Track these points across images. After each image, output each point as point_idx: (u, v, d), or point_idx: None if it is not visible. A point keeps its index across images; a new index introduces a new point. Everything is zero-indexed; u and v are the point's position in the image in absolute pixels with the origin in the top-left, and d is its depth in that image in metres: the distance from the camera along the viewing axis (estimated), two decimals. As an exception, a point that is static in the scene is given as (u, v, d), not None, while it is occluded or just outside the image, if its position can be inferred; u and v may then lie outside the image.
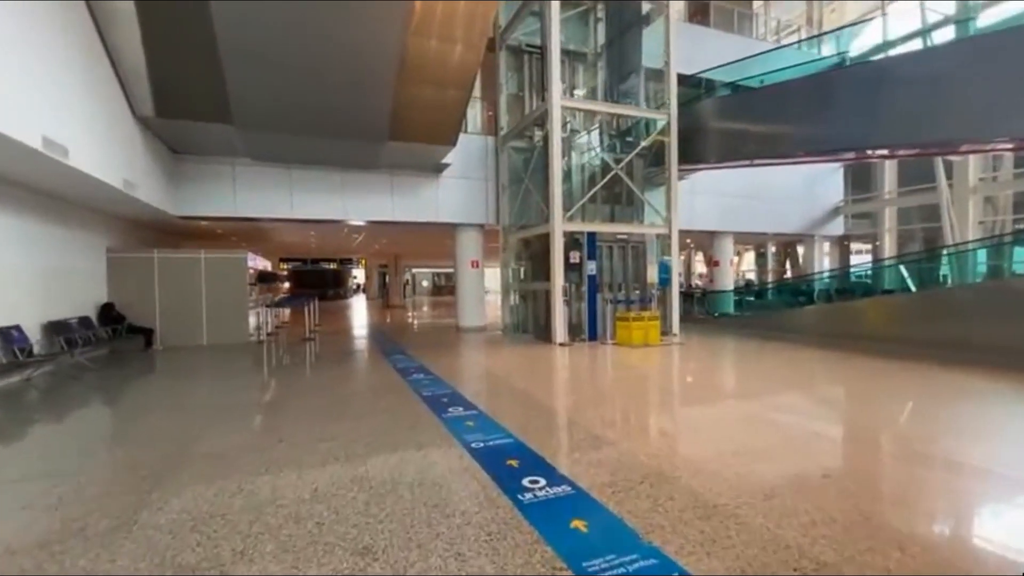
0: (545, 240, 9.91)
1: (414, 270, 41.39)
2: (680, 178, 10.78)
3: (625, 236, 10.13)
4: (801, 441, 3.90)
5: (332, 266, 28.29)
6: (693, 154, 10.84)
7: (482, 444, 3.73)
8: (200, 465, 3.37)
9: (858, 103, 7.45)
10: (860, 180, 18.43)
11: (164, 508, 2.73)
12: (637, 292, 10.39)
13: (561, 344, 9.20)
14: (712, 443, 3.71)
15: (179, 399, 5.81)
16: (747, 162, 10.46)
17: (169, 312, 9.83)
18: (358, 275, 41.79)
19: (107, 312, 9.04)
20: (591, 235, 9.65)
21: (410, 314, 19.48)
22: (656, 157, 10.84)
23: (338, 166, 10.72)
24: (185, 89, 7.75)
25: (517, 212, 11.64)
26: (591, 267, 9.62)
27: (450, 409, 4.72)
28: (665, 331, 9.91)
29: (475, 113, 12.48)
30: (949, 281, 10.19)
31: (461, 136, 11.74)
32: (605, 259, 10.12)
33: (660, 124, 10.41)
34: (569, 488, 2.91)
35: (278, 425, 4.36)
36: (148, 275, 9.70)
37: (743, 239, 19.06)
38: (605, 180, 9.96)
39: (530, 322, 11.30)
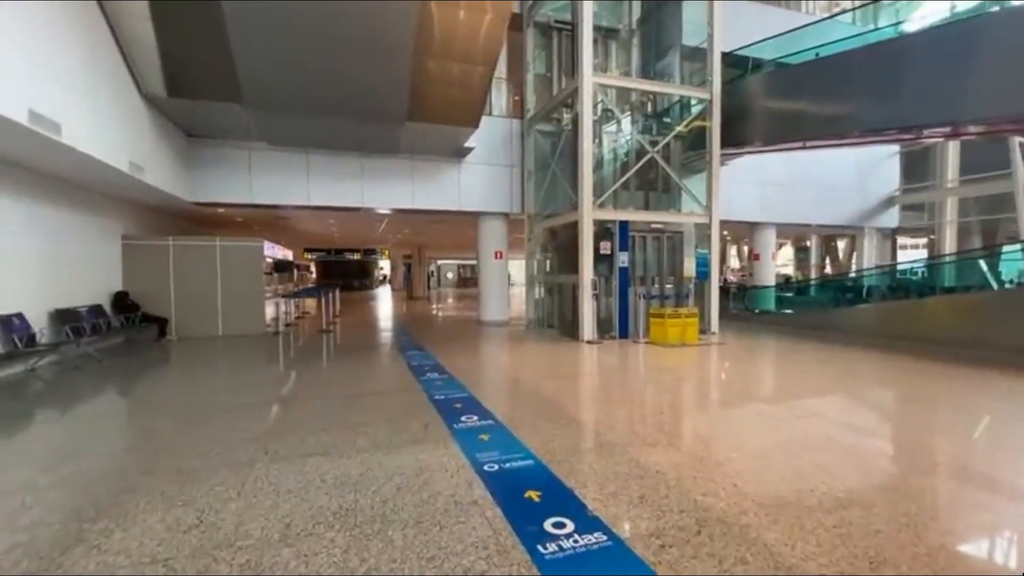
0: (573, 229, 9.20)
1: (439, 262, 41.18)
2: (721, 164, 9.87)
3: (660, 226, 9.32)
4: (898, 477, 3.15)
5: (357, 257, 28.14)
6: (737, 137, 9.90)
7: (497, 467, 3.12)
8: (164, 485, 2.87)
9: (943, 72, 6.44)
10: (915, 168, 16.97)
11: (100, 547, 2.21)
12: (671, 287, 9.59)
13: (589, 342, 8.51)
14: (784, 477, 3.00)
15: (172, 397, 5.42)
16: (799, 144, 9.46)
17: (184, 301, 9.57)
18: (384, 266, 41.88)
19: (121, 301, 8.82)
20: (623, 224, 8.89)
21: (433, 307, 19.04)
22: (695, 141, 9.96)
23: (356, 151, 10.23)
24: (195, 65, 7.35)
25: (543, 200, 10.95)
26: (623, 259, 8.87)
27: (463, 418, 4.13)
28: (703, 329, 9.09)
29: (500, 95, 11.81)
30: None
31: (485, 119, 11.09)
32: (638, 250, 9.35)
33: (700, 105, 9.51)
34: (604, 537, 2.27)
35: (267, 432, 3.85)
36: (163, 263, 9.45)
37: (785, 231, 17.83)
38: (639, 164, 9.16)
39: (556, 317, 10.63)
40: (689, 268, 9.40)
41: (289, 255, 17.88)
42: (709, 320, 9.51)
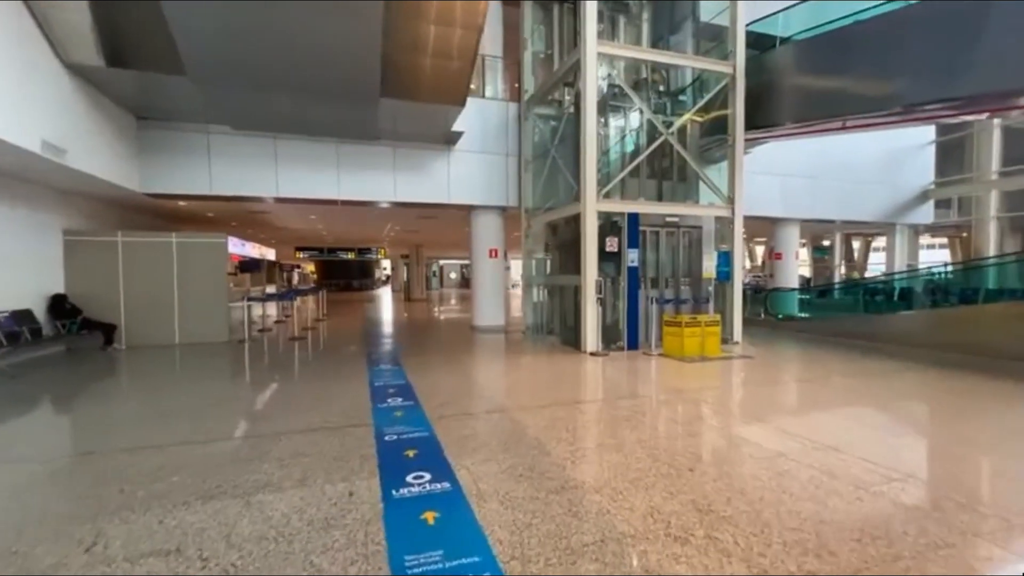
0: (575, 224, 8.02)
1: (441, 262, 40.10)
2: (745, 150, 8.62)
3: (675, 219, 8.09)
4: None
5: (351, 256, 27.09)
6: (763, 117, 8.65)
7: (433, 586, 1.96)
8: None
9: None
10: (950, 159, 15.59)
11: None
12: (688, 289, 8.36)
13: (593, 354, 7.30)
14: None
15: (54, 428, 4.31)
16: (838, 124, 8.18)
17: (135, 305, 8.49)
18: (387, 266, 40.93)
19: (58, 305, 7.74)
20: (633, 217, 7.67)
21: (429, 309, 17.90)
22: (714, 125, 8.72)
23: (330, 136, 9.11)
24: (131, 29, 6.28)
25: (542, 192, 9.75)
26: (632, 257, 7.65)
27: (411, 477, 2.96)
28: (724, 339, 7.85)
29: (496, 77, 10.64)
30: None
31: (478, 102, 9.98)
32: (649, 248, 8.13)
33: (721, 83, 8.27)
34: None
35: (120, 505, 2.70)
36: (111, 262, 8.37)
37: (807, 228, 16.47)
38: (651, 148, 7.94)
39: (556, 322, 9.44)
40: (708, 268, 8.16)
41: (270, 254, 16.80)
42: (731, 328, 8.27)
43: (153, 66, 6.68)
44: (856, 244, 22.76)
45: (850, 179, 13.71)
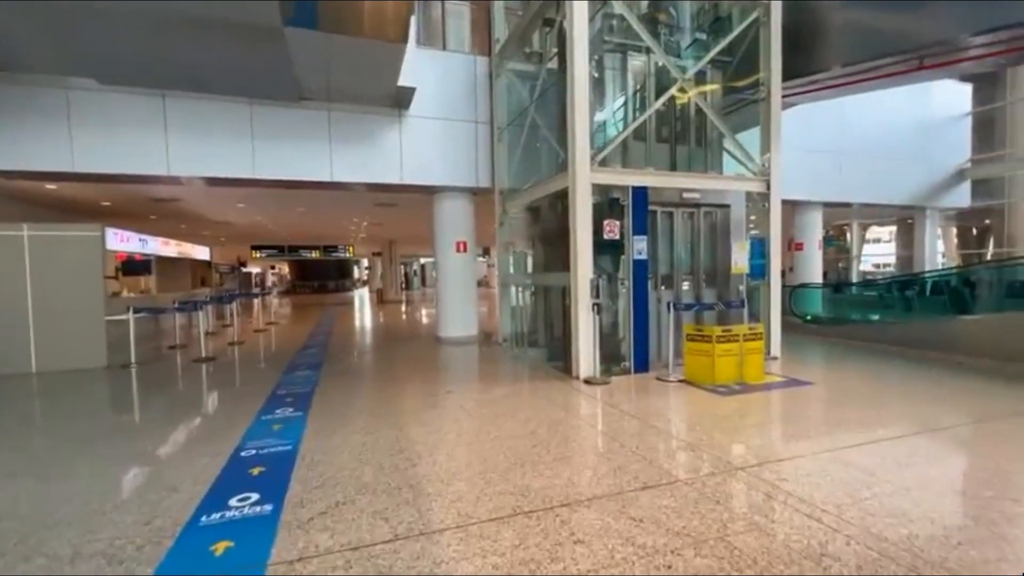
0: (562, 206, 6.00)
1: (422, 260, 37.91)
2: (783, 105, 6.59)
3: (695, 195, 6.06)
4: None
5: (315, 255, 24.73)
6: (803, 63, 6.66)
7: None
8: None
9: None
10: (985, 135, 13.78)
11: None
12: (713, 288, 6.36)
13: (588, 381, 5.26)
14: None
15: None
16: (915, 63, 6.16)
17: (-29, 322, 6.29)
18: (367, 266, 38.65)
19: None
20: (639, 193, 5.63)
21: (397, 314, 15.81)
22: (743, 69, 6.69)
23: (238, 94, 6.94)
24: None
25: (520, 167, 7.68)
26: (639, 247, 5.61)
27: None
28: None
29: (460, 23, 8.53)
30: None
31: (437, 55, 7.90)
32: (661, 235, 6.11)
33: (749, 15, 6.24)
34: None
35: None
36: (-67, 264, 6.16)
37: (829, 214, 14.57)
38: (664, 98, 5.88)
39: (541, 331, 7.40)
40: (739, 260, 6.13)
41: (199, 252, 14.50)
42: (768, 340, 6.26)
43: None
44: (855, 230, 20.96)
45: (881, 156, 11.82)
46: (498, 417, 4.12)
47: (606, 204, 5.83)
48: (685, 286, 6.29)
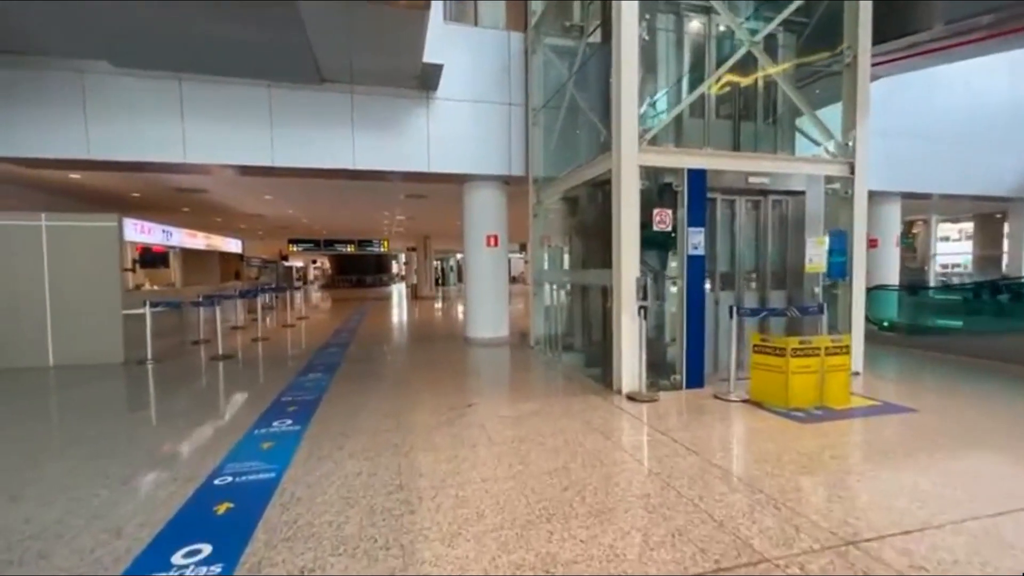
0: (604, 194, 5.25)
1: (459, 255, 37.62)
2: (872, 76, 5.54)
3: (763, 181, 5.13)
4: None
5: (350, 249, 24.69)
6: (900, 21, 5.59)
7: None
8: None
9: None
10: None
11: None
12: (781, 290, 5.43)
13: (631, 398, 4.48)
14: None
15: None
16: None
17: (-8, 314, 6.16)
18: (410, 261, 38.87)
19: None
20: (696, 177, 4.78)
21: (430, 311, 15.40)
22: (820, 33, 5.67)
23: (256, 76, 6.52)
24: None
25: (557, 153, 6.94)
26: (695, 241, 4.77)
27: None
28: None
29: (492, -2, 7.85)
30: None
31: (468, 31, 7.26)
32: (721, 227, 5.24)
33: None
34: None
35: None
36: (-45, 254, 6.06)
37: (904, 207, 13.04)
38: (726, 67, 4.99)
39: (577, 335, 6.67)
40: (815, 257, 5.16)
41: (230, 245, 14.43)
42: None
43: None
44: (921, 228, 18.89)
45: (969, 142, 10.32)
46: (523, 443, 3.41)
47: (655, 191, 5.01)
48: (748, 287, 5.38)
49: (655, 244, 5.07)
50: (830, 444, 3.36)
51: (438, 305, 17.29)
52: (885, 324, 8.82)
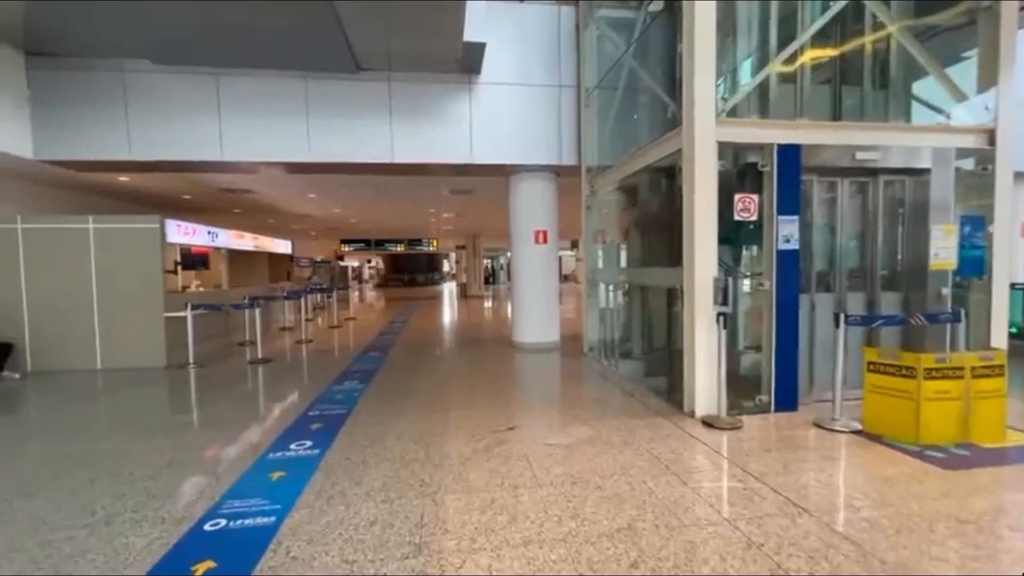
0: (666, 179, 4.46)
1: (509, 253, 37.19)
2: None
3: (872, 158, 4.15)
4: None
5: (399, 248, 24.74)
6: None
7: None
8: None
9: None
10: None
11: None
12: (897, 292, 4.42)
13: (708, 423, 3.70)
14: None
15: None
16: None
17: (44, 316, 6.21)
18: (460, 260, 39.04)
19: (-79, 318, 5.59)
20: (788, 153, 3.91)
21: (479, 311, 14.97)
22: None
23: (293, 67, 6.20)
24: None
25: (611, 138, 6.18)
26: (787, 231, 3.90)
27: None
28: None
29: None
30: None
31: (515, 7, 6.69)
32: (818, 214, 4.32)
33: None
34: None
35: None
36: (8, 257, 6.14)
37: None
38: (828, 16, 4.06)
39: (636, 341, 5.90)
40: (943, 251, 4.12)
41: (278, 246, 14.55)
42: (989, 368, 4.17)
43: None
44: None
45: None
46: (576, 485, 2.75)
47: (734, 174, 4.17)
48: (851, 288, 4.42)
49: (737, 238, 4.24)
50: (999, 505, 2.45)
51: (487, 304, 16.84)
52: (1013, 330, 7.37)
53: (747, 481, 2.76)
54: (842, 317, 3.63)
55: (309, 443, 3.50)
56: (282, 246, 14.34)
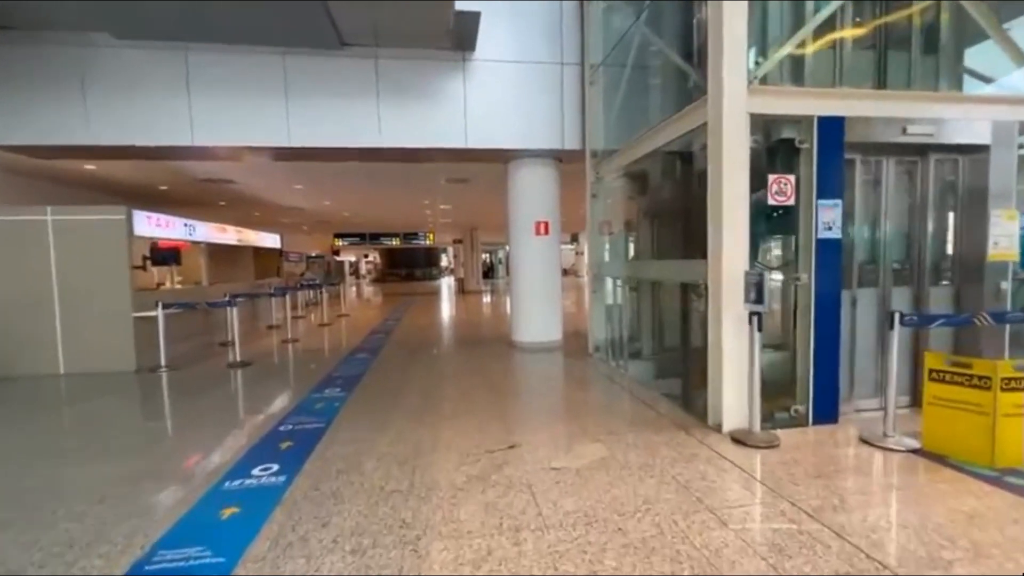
0: (681, 164, 3.95)
1: (507, 247, 36.65)
2: None
3: (928, 129, 3.62)
4: None
5: (395, 242, 24.14)
6: None
7: None
8: None
9: None
10: None
11: None
12: (950, 285, 3.91)
13: (737, 439, 3.19)
14: None
15: None
16: None
17: (1, 317, 5.69)
18: (458, 255, 38.50)
19: None
20: (830, 127, 3.38)
21: (476, 307, 14.47)
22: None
23: (270, 42, 5.63)
24: None
25: (619, 119, 5.63)
26: (828, 217, 3.38)
27: None
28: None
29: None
30: None
31: (507, -29, 6.06)
32: (860, 198, 3.79)
33: None
34: None
35: None
36: (-40, 253, 5.61)
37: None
38: (874, -31, 3.52)
39: (646, 340, 5.39)
40: (1002, 240, 3.61)
41: (266, 240, 13.99)
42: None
43: None
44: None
45: None
46: (592, 528, 2.24)
47: (764, 152, 3.64)
48: (897, 283, 3.90)
49: (768, 226, 3.72)
50: None
51: (485, 300, 16.31)
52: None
53: (800, 521, 2.25)
54: (897, 316, 3.11)
55: (275, 467, 2.99)
56: (269, 240, 13.78)
